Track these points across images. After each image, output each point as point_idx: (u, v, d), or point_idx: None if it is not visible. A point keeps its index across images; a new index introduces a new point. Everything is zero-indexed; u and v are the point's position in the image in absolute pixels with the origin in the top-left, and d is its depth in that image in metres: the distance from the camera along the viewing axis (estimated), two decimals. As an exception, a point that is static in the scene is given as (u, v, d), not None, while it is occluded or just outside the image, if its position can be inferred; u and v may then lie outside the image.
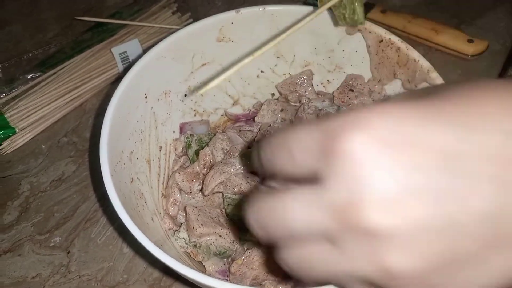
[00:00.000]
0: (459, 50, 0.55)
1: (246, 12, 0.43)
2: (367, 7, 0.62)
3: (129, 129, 0.38)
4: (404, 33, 0.58)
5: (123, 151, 0.37)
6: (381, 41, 0.40)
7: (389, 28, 0.59)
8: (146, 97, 0.40)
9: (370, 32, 0.41)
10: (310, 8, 0.42)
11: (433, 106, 0.18)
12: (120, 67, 0.55)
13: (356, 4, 0.35)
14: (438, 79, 0.36)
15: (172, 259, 0.28)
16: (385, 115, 0.17)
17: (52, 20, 0.66)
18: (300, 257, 0.20)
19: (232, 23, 0.43)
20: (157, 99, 0.42)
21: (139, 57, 0.55)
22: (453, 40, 0.55)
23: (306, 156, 0.18)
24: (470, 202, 0.16)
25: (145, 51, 0.56)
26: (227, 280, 0.37)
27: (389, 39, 0.39)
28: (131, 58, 0.55)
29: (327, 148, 0.17)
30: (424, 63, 0.37)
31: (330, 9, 0.38)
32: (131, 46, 0.55)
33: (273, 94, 0.49)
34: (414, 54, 0.38)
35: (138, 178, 0.38)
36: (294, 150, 0.19)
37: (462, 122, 0.17)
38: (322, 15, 0.42)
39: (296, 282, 0.36)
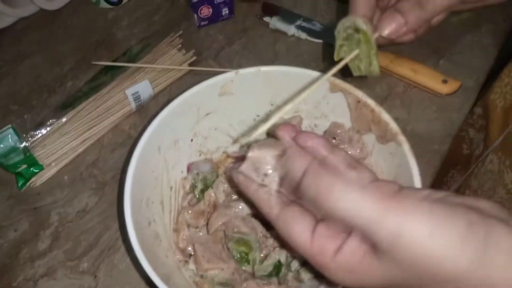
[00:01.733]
0: (434, 89, 0.61)
1: (244, 72, 0.49)
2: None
3: (145, 180, 0.45)
4: (387, 71, 0.64)
5: (141, 201, 0.44)
6: (359, 101, 0.47)
7: (373, 65, 0.65)
8: (159, 150, 0.48)
9: (350, 93, 0.47)
10: (301, 70, 0.49)
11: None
12: (133, 105, 0.61)
13: (373, 57, 0.39)
14: (404, 142, 0.43)
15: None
16: None
17: (67, 53, 0.72)
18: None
19: (232, 81, 0.50)
20: (168, 148, 0.49)
21: (149, 96, 0.62)
22: (429, 80, 0.61)
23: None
24: None
25: (154, 89, 0.63)
26: (229, 305, 0.45)
27: (366, 101, 0.46)
28: (142, 97, 0.62)
29: None
30: (393, 126, 0.44)
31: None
32: (142, 87, 0.61)
33: (268, 134, 0.56)
34: (386, 117, 0.45)
35: (154, 220, 0.46)
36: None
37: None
38: (309, 78, 0.49)
39: None
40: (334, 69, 0.39)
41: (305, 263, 0.46)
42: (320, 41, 0.70)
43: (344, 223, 0.27)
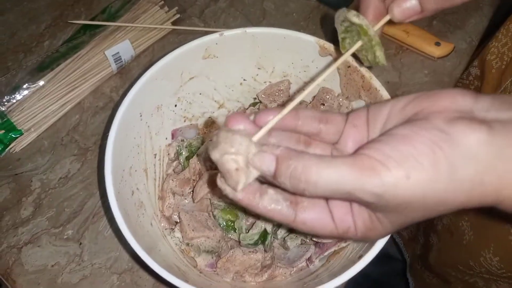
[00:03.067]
0: (427, 52, 0.59)
1: (229, 34, 0.47)
2: (346, 2, 0.65)
3: (127, 148, 0.44)
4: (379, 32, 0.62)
5: (124, 170, 0.43)
6: (349, 66, 0.45)
7: (365, 26, 0.63)
8: (141, 116, 0.46)
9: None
10: (290, 32, 0.46)
11: None
12: (114, 67, 0.59)
13: (375, 48, 0.36)
14: (393, 110, 0.41)
15: (168, 274, 0.35)
16: None
17: (43, 9, 0.68)
18: None
19: (217, 43, 0.47)
20: (151, 114, 0.47)
21: (131, 57, 0.59)
22: (421, 42, 0.59)
23: None
24: None
25: (135, 50, 0.60)
26: (215, 272, 0.45)
27: (356, 66, 0.44)
28: (123, 58, 0.59)
29: None
30: (383, 93, 0.42)
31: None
32: (123, 47, 0.58)
33: (255, 98, 0.55)
34: (376, 83, 0.43)
35: (137, 188, 0.45)
36: None
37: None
38: (298, 40, 0.46)
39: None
40: (340, 60, 0.35)
41: (291, 231, 0.46)
42: (311, -2, 0.67)
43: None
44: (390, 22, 0.37)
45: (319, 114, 0.31)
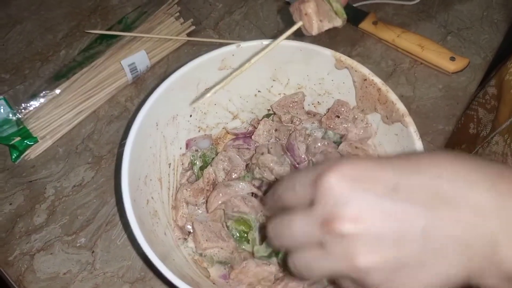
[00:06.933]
0: (441, 67, 0.59)
1: (246, 46, 0.47)
2: (361, 15, 0.65)
3: (143, 157, 0.44)
4: (393, 46, 0.62)
5: (139, 178, 0.43)
6: (365, 79, 0.45)
7: (379, 40, 0.63)
8: (157, 125, 0.46)
9: (356, 70, 0.45)
10: (306, 44, 0.47)
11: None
12: (129, 76, 0.59)
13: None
14: (411, 124, 0.41)
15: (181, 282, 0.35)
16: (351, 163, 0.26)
17: (60, 19, 0.69)
18: (301, 261, 0.27)
19: (233, 55, 0.47)
20: (166, 123, 0.48)
21: (146, 67, 0.60)
22: (436, 57, 0.59)
23: (303, 190, 0.27)
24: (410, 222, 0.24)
25: (151, 60, 0.61)
26: (228, 283, 0.45)
27: (372, 80, 0.44)
28: (138, 68, 0.59)
29: (316, 184, 0.26)
30: (400, 106, 0.42)
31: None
32: (139, 57, 0.59)
33: (269, 110, 0.55)
34: (393, 97, 0.43)
35: (152, 197, 0.45)
36: (296, 187, 0.28)
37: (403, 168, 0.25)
38: (314, 53, 0.47)
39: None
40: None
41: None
42: (325, 12, 0.67)
43: None
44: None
45: None
